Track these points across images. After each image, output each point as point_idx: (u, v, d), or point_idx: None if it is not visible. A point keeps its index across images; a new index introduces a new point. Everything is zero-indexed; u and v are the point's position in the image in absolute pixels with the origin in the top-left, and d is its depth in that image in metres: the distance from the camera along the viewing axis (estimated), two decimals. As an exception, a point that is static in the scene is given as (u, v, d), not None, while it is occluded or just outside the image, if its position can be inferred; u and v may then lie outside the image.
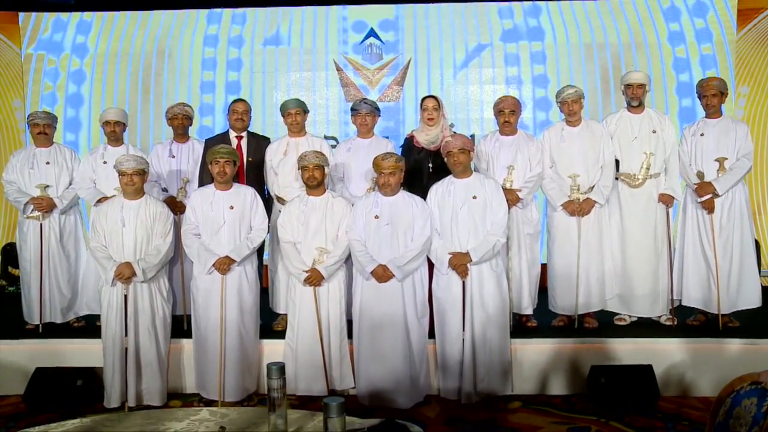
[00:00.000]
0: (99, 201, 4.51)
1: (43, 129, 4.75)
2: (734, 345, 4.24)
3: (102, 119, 4.79)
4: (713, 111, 4.51)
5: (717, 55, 6.09)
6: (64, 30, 6.46)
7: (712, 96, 4.47)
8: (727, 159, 4.40)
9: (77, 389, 4.13)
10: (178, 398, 4.28)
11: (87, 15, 6.47)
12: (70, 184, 4.77)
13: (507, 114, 4.51)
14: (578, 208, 4.45)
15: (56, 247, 4.72)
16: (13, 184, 4.72)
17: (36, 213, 4.66)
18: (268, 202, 4.57)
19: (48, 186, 4.69)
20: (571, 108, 4.52)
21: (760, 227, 5.92)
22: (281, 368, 2.12)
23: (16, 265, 5.02)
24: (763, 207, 6.06)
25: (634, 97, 4.56)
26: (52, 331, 4.68)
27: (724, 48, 6.05)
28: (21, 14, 6.31)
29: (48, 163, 4.74)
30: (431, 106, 4.56)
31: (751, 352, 4.18)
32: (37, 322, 4.70)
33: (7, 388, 4.38)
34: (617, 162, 4.55)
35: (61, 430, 2.17)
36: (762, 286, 4.53)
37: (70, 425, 2.20)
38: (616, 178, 4.55)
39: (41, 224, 4.68)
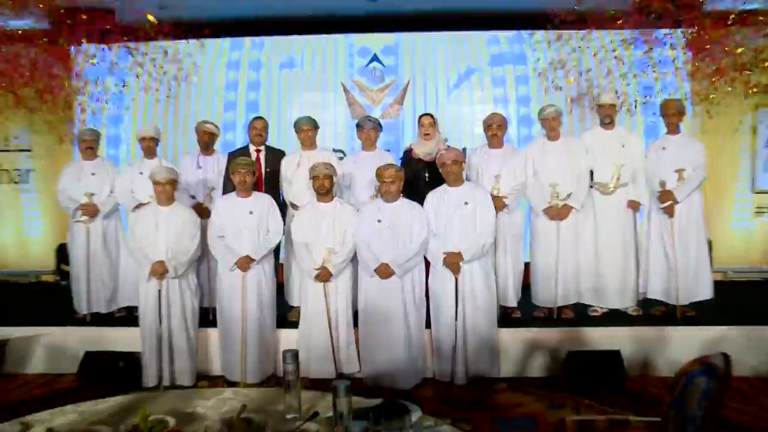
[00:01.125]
0: (136, 207, 4.57)
1: (90, 144, 4.82)
2: (690, 331, 4.27)
3: (139, 135, 4.84)
4: (673, 128, 4.54)
5: (676, 79, 6.10)
6: (107, 60, 6.46)
7: (672, 115, 4.50)
8: (685, 170, 4.42)
9: (120, 370, 4.19)
10: (205, 379, 4.31)
11: (128, 46, 6.47)
12: (111, 192, 4.82)
13: (495, 128, 4.54)
14: (557, 213, 4.47)
15: (100, 247, 4.78)
16: (65, 192, 4.78)
17: (83, 218, 4.72)
18: (283, 207, 4.59)
19: (93, 194, 4.74)
20: (551, 124, 4.55)
21: (712, 229, 5.92)
22: (295, 354, 2.12)
23: (68, 263, 5.07)
24: (714, 211, 6.10)
25: (606, 116, 4.60)
26: (98, 319, 4.74)
27: (682, 74, 6.07)
28: (72, 48, 6.36)
29: (93, 174, 4.79)
30: (428, 123, 4.59)
31: (703, 337, 4.22)
32: (85, 312, 4.77)
33: (63, 367, 4.45)
34: (591, 173, 4.58)
35: (106, 405, 2.22)
36: (714, 280, 4.56)
37: (113, 401, 2.24)
38: (591, 187, 4.58)
39: (88, 227, 4.73)
